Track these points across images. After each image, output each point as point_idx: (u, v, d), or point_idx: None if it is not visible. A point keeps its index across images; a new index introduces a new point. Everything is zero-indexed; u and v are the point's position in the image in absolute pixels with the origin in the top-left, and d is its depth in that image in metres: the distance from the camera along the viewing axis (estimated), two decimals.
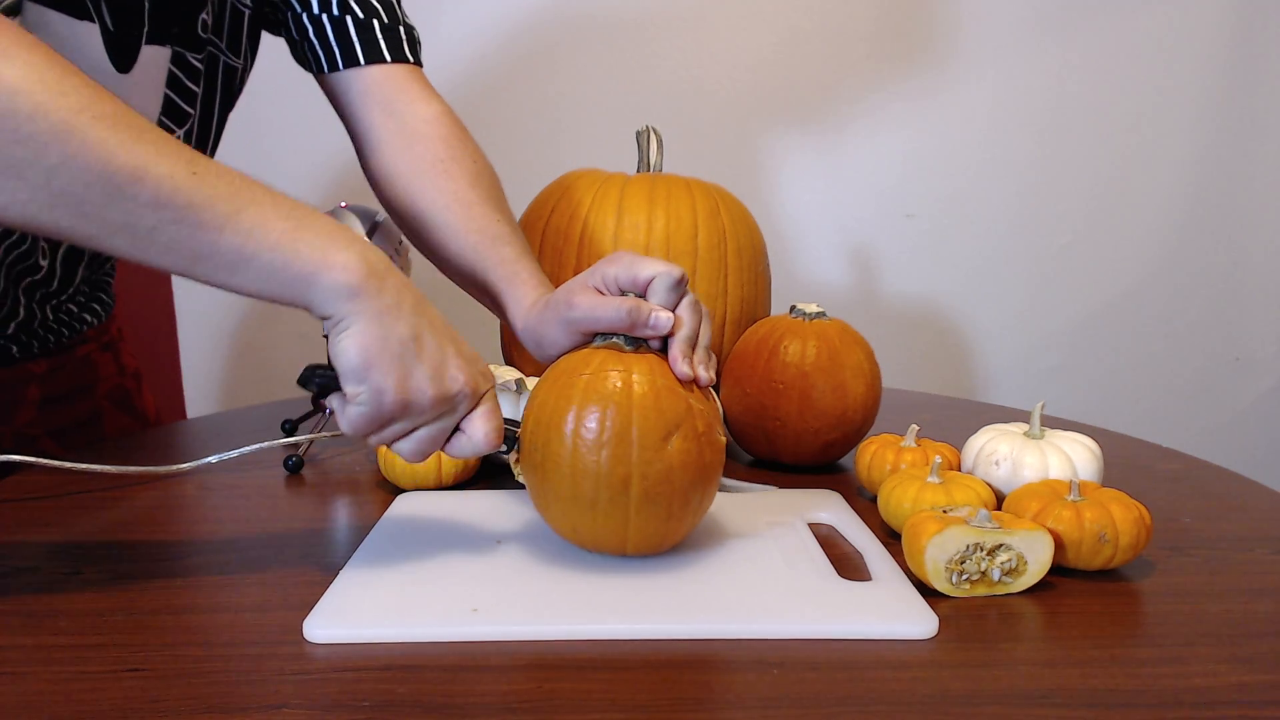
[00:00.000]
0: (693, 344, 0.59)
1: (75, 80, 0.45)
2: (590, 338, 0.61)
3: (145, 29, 0.70)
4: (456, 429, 0.57)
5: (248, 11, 0.78)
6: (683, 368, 0.57)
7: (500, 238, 0.73)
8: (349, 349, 0.51)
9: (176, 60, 0.74)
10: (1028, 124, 1.52)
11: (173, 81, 0.74)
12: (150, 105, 0.73)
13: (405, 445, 0.55)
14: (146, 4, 0.69)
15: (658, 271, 0.59)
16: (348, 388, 0.52)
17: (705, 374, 0.58)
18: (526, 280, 0.70)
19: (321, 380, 0.54)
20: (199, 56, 0.75)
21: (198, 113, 0.78)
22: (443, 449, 0.57)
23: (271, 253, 0.49)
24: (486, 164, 0.80)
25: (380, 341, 0.51)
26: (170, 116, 0.76)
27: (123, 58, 0.69)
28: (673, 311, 0.59)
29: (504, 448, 0.60)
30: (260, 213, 0.49)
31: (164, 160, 0.46)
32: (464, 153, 0.78)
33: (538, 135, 1.46)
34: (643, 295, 0.60)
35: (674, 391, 0.56)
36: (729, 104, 1.48)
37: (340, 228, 0.52)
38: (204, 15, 0.74)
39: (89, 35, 0.66)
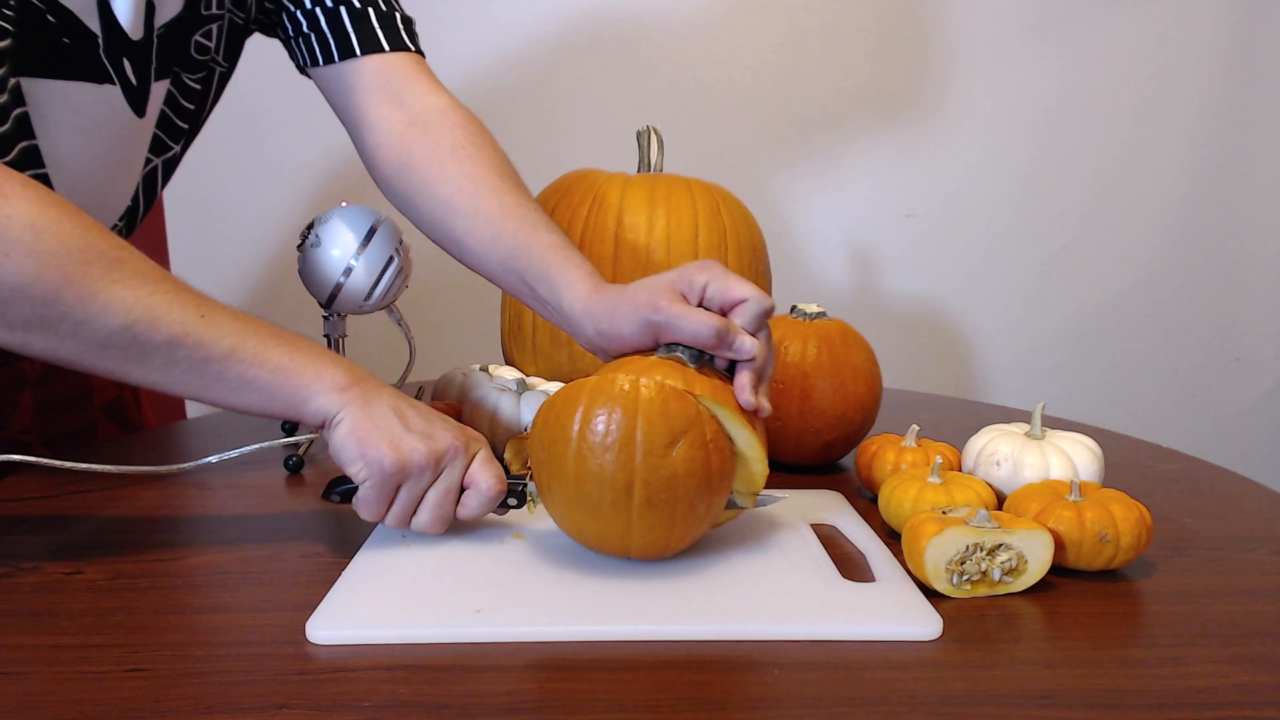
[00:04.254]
0: (762, 375, 0.60)
1: (89, 240, 0.53)
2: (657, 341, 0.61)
3: (154, 68, 0.71)
4: (462, 490, 0.61)
5: (241, 21, 0.78)
6: (748, 397, 0.58)
7: (540, 224, 0.72)
8: (344, 438, 0.58)
9: (174, 82, 0.74)
10: (1027, 124, 1.52)
11: (170, 102, 0.74)
12: (150, 130, 0.74)
13: (421, 516, 0.60)
14: (154, 49, 0.70)
15: (750, 295, 0.60)
16: (351, 470, 0.58)
17: (768, 406, 0.60)
18: (580, 264, 0.69)
19: (343, 489, 0.61)
20: (195, 76, 0.76)
21: (190, 123, 0.79)
22: (457, 514, 0.61)
23: (271, 374, 0.57)
24: (505, 153, 0.78)
25: (368, 421, 0.58)
26: (167, 133, 0.76)
27: (140, 104, 0.71)
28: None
29: (513, 502, 0.62)
30: (260, 343, 0.57)
31: (175, 309, 0.55)
32: (484, 140, 0.77)
33: (538, 135, 1.46)
34: (725, 313, 0.60)
35: (683, 397, 0.55)
36: (729, 104, 1.48)
37: (327, 352, 0.61)
38: (197, 37, 0.73)
39: (110, 96, 0.68)
